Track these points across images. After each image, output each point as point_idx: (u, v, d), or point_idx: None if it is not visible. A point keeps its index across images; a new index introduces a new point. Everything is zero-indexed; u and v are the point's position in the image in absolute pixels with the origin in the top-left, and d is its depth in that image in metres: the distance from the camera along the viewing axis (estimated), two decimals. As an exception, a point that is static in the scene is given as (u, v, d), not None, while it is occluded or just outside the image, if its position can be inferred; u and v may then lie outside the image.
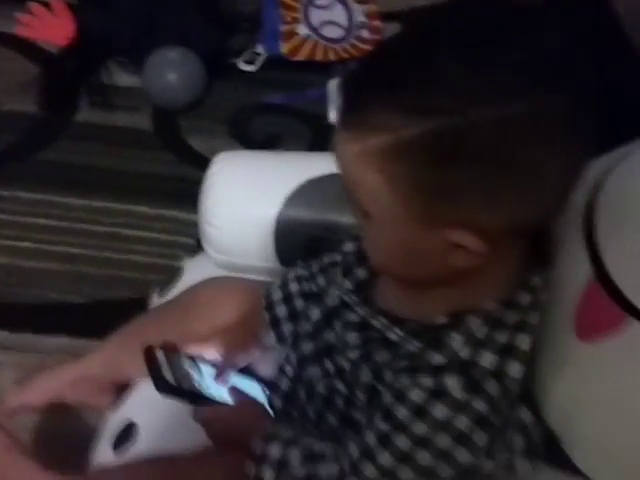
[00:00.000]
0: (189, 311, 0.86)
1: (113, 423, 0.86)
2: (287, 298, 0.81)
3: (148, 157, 1.47)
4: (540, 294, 0.60)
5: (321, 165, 0.87)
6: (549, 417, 0.60)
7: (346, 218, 0.84)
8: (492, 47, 0.53)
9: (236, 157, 0.91)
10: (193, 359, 0.81)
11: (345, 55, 1.64)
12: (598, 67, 0.57)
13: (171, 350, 0.81)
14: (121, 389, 0.91)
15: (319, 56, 1.63)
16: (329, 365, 0.69)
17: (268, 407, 0.77)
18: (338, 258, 0.79)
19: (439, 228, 0.56)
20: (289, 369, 0.75)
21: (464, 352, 0.59)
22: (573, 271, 0.59)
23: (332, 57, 1.64)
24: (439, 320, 0.61)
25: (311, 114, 1.55)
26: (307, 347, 0.72)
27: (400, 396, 0.60)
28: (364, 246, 0.64)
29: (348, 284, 0.69)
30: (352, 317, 0.67)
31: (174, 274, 1.01)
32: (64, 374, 0.90)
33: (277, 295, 0.81)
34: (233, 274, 0.92)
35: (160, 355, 0.79)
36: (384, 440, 0.60)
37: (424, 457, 0.59)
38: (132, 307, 1.21)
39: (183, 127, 1.53)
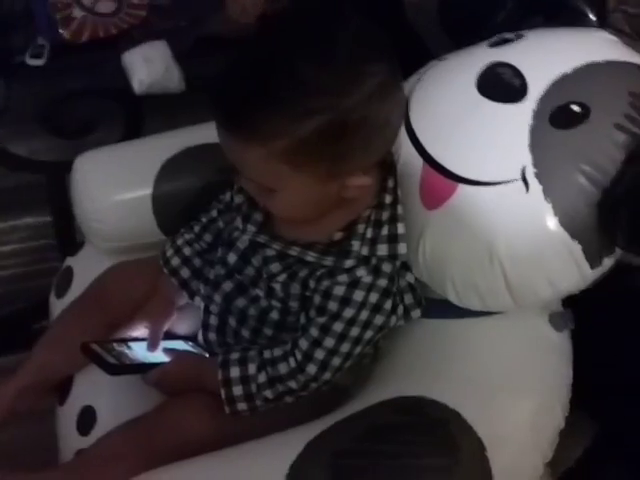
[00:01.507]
0: (103, 300, 0.96)
1: (69, 413, 0.97)
2: (185, 261, 0.94)
3: (-24, 176, 1.49)
4: (396, 191, 0.80)
5: (173, 144, 1.01)
6: (421, 274, 0.81)
7: (206, 183, 0.99)
8: (328, 43, 0.69)
9: (94, 156, 1.01)
10: (123, 340, 0.93)
11: (125, 26, 1.72)
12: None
13: (102, 341, 0.93)
14: (62, 385, 1.02)
15: (102, 33, 1.69)
16: (257, 291, 0.84)
17: (205, 353, 0.92)
18: (214, 214, 0.95)
19: (337, 181, 0.74)
20: (214, 307, 0.89)
21: (364, 250, 0.78)
22: (411, 163, 0.80)
23: (114, 31, 1.70)
24: (336, 237, 0.79)
25: (116, 89, 1.63)
26: (228, 285, 0.87)
27: (327, 295, 0.78)
28: (268, 209, 0.80)
29: (251, 227, 0.84)
30: (269, 252, 0.83)
31: (62, 275, 1.10)
32: (6, 390, 0.98)
33: (175, 261, 0.95)
34: (124, 258, 1.04)
35: (95, 347, 0.90)
36: (324, 329, 0.79)
37: (355, 331, 0.78)
38: (21, 318, 1.29)
39: (-3, 136, 1.56)
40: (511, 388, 0.78)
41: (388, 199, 0.79)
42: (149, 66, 1.62)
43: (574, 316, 0.83)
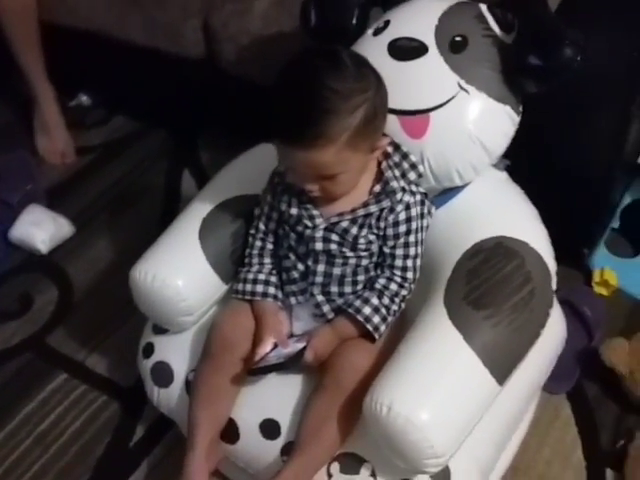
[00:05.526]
0: (227, 344, 1.22)
1: (250, 439, 1.22)
2: (266, 282, 1.25)
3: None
4: (392, 140, 1.17)
5: (193, 222, 1.31)
6: (430, 180, 1.19)
7: (234, 230, 1.30)
8: (338, 63, 1.07)
9: (146, 263, 1.27)
10: (263, 358, 1.20)
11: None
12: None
13: (255, 362, 1.20)
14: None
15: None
16: (345, 254, 1.17)
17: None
18: (259, 244, 1.27)
19: (373, 148, 1.11)
20: (315, 288, 1.21)
21: (401, 183, 1.16)
22: (388, 121, 1.15)
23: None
24: (376, 189, 1.17)
25: (21, 262, 1.82)
26: (321, 267, 1.19)
27: (395, 223, 1.16)
28: (330, 194, 1.14)
29: (319, 220, 1.17)
30: (344, 224, 1.17)
31: (156, 370, 1.32)
32: (197, 461, 1.20)
33: (259, 288, 1.25)
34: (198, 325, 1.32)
35: (257, 366, 1.18)
36: (405, 245, 1.17)
37: (420, 235, 1.18)
38: (117, 452, 1.46)
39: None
40: (514, 205, 1.25)
41: (390, 148, 1.18)
42: (41, 226, 1.81)
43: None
